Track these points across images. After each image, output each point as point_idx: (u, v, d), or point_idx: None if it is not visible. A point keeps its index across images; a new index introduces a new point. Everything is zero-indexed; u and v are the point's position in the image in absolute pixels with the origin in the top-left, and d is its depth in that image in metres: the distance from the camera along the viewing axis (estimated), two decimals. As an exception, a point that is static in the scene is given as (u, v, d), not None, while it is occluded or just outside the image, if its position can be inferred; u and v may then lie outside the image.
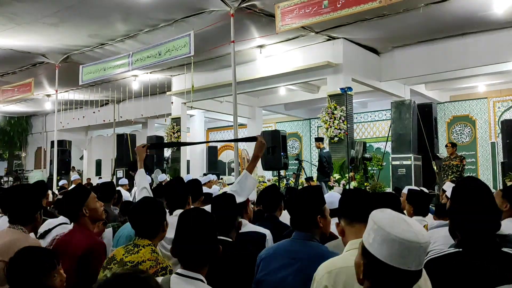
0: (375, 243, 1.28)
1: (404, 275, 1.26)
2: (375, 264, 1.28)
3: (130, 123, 16.99)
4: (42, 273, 1.94)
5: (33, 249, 2.04)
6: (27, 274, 1.93)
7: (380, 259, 1.26)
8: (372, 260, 1.28)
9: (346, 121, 10.15)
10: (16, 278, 1.94)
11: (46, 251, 2.06)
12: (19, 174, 20.11)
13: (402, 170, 9.05)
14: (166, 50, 9.60)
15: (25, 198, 2.82)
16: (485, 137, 14.73)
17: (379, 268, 1.27)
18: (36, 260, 1.96)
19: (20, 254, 1.98)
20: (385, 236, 1.26)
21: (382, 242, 1.26)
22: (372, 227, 1.31)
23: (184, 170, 14.09)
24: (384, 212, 1.36)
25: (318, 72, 11.01)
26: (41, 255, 2.00)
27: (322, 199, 2.37)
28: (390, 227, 1.27)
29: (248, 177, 3.24)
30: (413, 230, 1.28)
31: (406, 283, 1.29)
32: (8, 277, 1.96)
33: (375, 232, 1.29)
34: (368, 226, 1.33)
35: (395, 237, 1.25)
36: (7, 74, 13.89)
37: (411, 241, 1.24)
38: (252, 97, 15.90)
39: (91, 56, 11.71)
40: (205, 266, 1.87)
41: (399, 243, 1.24)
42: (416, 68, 11.41)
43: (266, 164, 9.44)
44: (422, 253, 1.27)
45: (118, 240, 3.51)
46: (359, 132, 17.13)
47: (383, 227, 1.28)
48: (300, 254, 2.22)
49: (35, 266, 1.94)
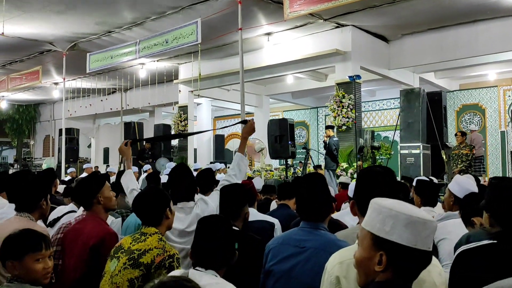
0: (395, 229, 1.25)
1: (425, 257, 1.27)
2: (397, 251, 1.25)
3: (137, 112, 17.01)
4: (25, 251, 1.94)
5: (25, 230, 2.05)
6: (11, 250, 1.95)
7: (404, 245, 1.24)
8: (394, 249, 1.25)
9: (354, 110, 10.06)
10: (2, 254, 1.97)
11: (36, 233, 2.05)
12: (28, 162, 20.26)
13: (411, 159, 9.00)
14: (173, 38, 9.55)
15: (29, 186, 2.83)
16: (495, 126, 14.57)
17: (403, 254, 1.25)
18: (22, 238, 1.98)
19: (14, 233, 2.01)
20: (407, 220, 1.24)
21: (405, 226, 1.24)
22: (388, 214, 1.27)
23: (192, 158, 14.11)
24: (387, 199, 1.34)
25: (326, 60, 10.91)
26: (30, 235, 2.00)
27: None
28: (409, 210, 1.26)
29: (243, 158, 3.29)
30: (422, 211, 1.32)
31: (425, 265, 1.29)
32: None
33: (394, 218, 1.25)
34: (379, 215, 1.28)
35: (419, 218, 1.24)
36: (15, 62, 13.92)
37: (431, 221, 1.26)
38: (259, 86, 15.83)
39: (98, 44, 11.68)
40: (222, 268, 1.94)
41: (423, 224, 1.24)
42: (425, 56, 11.26)
43: (274, 153, 9.42)
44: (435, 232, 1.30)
45: (126, 228, 3.52)
46: (367, 120, 17.01)
47: (402, 211, 1.25)
48: (309, 243, 2.19)
49: (19, 243, 1.96)
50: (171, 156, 14.49)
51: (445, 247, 2.60)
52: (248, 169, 10.75)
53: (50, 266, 2.02)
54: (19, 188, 2.83)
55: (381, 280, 1.30)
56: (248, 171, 9.98)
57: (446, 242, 2.64)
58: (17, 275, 1.93)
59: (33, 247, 1.95)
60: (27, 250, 1.94)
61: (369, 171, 1.79)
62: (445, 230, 2.71)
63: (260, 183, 5.88)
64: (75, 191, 2.86)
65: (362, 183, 1.76)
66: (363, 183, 1.76)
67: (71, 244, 2.60)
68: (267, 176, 10.59)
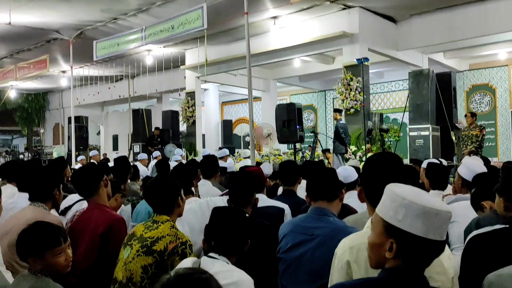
0: (407, 218, 1.24)
1: (437, 246, 1.26)
2: (408, 240, 1.25)
3: (145, 98, 17.04)
4: (44, 249, 1.94)
5: (40, 224, 2.04)
6: (31, 249, 1.95)
7: (415, 234, 1.24)
8: (405, 237, 1.25)
9: (362, 92, 9.98)
10: (22, 252, 1.97)
11: (52, 227, 2.04)
12: (38, 150, 20.45)
13: (420, 141, 8.94)
14: (179, 24, 9.50)
15: (42, 176, 2.86)
16: (505, 106, 14.40)
17: (414, 244, 1.25)
18: (40, 235, 1.97)
19: (28, 228, 2.00)
20: (420, 210, 1.24)
21: (417, 217, 1.24)
22: (400, 202, 1.26)
23: (200, 144, 14.15)
24: (401, 186, 1.33)
25: (333, 42, 10.80)
26: (46, 231, 1.99)
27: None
28: (422, 200, 1.25)
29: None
30: (438, 201, 1.29)
31: (438, 254, 1.29)
32: (17, 250, 1.99)
33: (406, 207, 1.25)
34: (392, 203, 1.28)
35: (432, 209, 1.24)
36: (22, 51, 13.97)
37: (446, 211, 1.25)
38: (266, 70, 15.74)
39: (104, 31, 11.66)
40: (235, 255, 2.01)
41: (435, 214, 1.23)
42: (434, 36, 11.09)
43: (282, 138, 9.40)
44: (448, 222, 1.29)
45: (137, 215, 3.55)
46: (375, 103, 16.89)
47: (415, 201, 1.25)
48: (318, 231, 2.21)
49: (38, 241, 1.95)
50: (179, 142, 14.55)
51: (455, 230, 2.60)
52: (257, 154, 10.78)
53: (70, 256, 2.05)
54: (32, 178, 2.87)
55: (391, 266, 1.31)
56: (256, 156, 10.00)
57: (455, 225, 2.64)
58: (40, 269, 1.95)
59: (52, 243, 1.95)
60: (46, 247, 1.94)
61: (377, 157, 1.78)
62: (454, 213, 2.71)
63: (269, 168, 5.89)
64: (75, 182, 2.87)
65: (370, 170, 1.76)
66: (371, 170, 1.76)
67: (80, 234, 2.64)
68: (275, 160, 10.61)
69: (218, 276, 1.70)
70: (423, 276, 1.31)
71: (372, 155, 1.81)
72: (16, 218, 2.78)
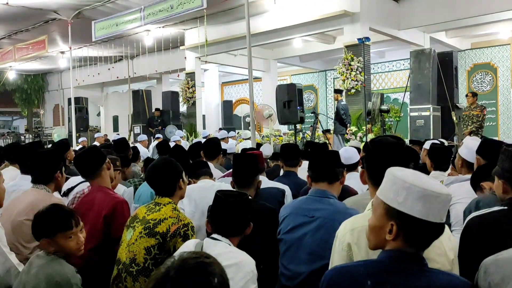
0: (407, 201, 1.27)
1: (437, 228, 1.29)
2: (409, 222, 1.27)
3: (145, 79, 16.95)
4: (56, 231, 1.99)
5: (54, 207, 2.09)
6: (44, 230, 2.00)
7: (415, 217, 1.26)
8: (405, 219, 1.28)
9: (363, 73, 9.93)
10: (36, 232, 2.03)
11: (64, 210, 2.09)
12: (39, 132, 20.44)
13: (421, 121, 8.93)
14: (178, 3, 9.41)
15: (45, 158, 2.87)
16: (507, 85, 14.33)
17: (414, 226, 1.27)
18: (52, 217, 2.02)
19: (42, 210, 2.06)
20: (420, 193, 1.26)
21: (417, 199, 1.26)
22: (401, 185, 1.28)
23: (200, 125, 14.15)
24: (402, 169, 1.35)
25: (334, 22, 10.69)
26: (59, 214, 2.04)
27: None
28: (422, 183, 1.27)
29: None
30: (438, 183, 1.32)
31: (437, 236, 1.32)
32: (32, 231, 2.05)
33: (407, 190, 1.27)
34: (393, 186, 1.30)
35: (432, 192, 1.26)
36: (20, 32, 13.83)
37: (446, 194, 1.28)
38: (266, 50, 15.62)
39: (103, 11, 11.52)
40: (236, 236, 2.06)
41: (435, 197, 1.26)
42: (436, 15, 10.98)
43: (282, 118, 9.39)
44: (448, 204, 1.31)
45: (139, 196, 3.57)
46: (376, 83, 16.80)
47: (416, 184, 1.27)
48: (318, 212, 2.24)
49: (51, 223, 2.00)
50: (179, 123, 14.53)
51: (457, 211, 2.62)
52: (257, 135, 10.78)
53: (82, 240, 2.09)
54: (34, 161, 2.88)
55: (391, 248, 1.33)
56: (257, 137, 10.00)
57: (457, 206, 2.66)
58: (53, 250, 2.01)
59: (63, 226, 2.00)
60: (57, 229, 1.99)
61: (381, 141, 1.79)
62: (456, 194, 2.73)
63: (270, 149, 5.91)
64: (78, 165, 2.90)
65: (373, 152, 1.77)
66: (374, 153, 1.77)
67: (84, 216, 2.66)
68: (276, 141, 10.62)
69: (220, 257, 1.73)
70: (422, 257, 1.33)
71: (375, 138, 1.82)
72: (19, 200, 2.81)
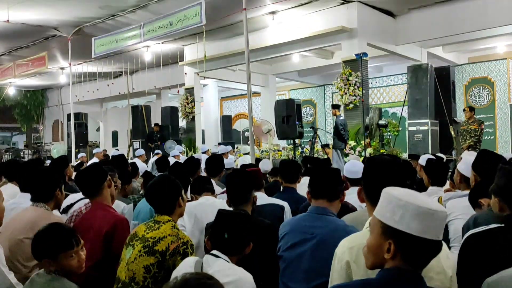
0: (404, 219, 1.28)
1: (435, 246, 1.30)
2: (406, 241, 1.29)
3: (144, 94, 17.02)
4: (58, 251, 1.99)
5: (54, 226, 2.09)
6: (45, 250, 2.00)
7: (412, 235, 1.27)
8: (403, 238, 1.29)
9: (361, 87, 9.98)
10: (37, 253, 2.03)
11: (65, 230, 2.09)
12: (38, 147, 20.45)
13: (419, 135, 8.98)
14: (178, 20, 9.48)
15: (44, 176, 2.88)
16: (504, 99, 14.41)
17: (412, 244, 1.28)
18: (54, 237, 2.02)
19: (43, 230, 2.06)
20: (416, 210, 1.27)
21: (413, 217, 1.27)
22: (397, 203, 1.30)
23: (200, 140, 14.17)
24: (398, 189, 1.37)
25: (332, 37, 10.78)
26: (60, 233, 2.04)
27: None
28: (417, 201, 1.29)
29: None
30: (433, 201, 1.34)
31: (435, 254, 1.33)
32: (32, 252, 2.05)
33: (403, 208, 1.29)
34: (389, 205, 1.32)
35: (427, 209, 1.27)
36: (21, 49, 13.94)
37: (441, 211, 1.29)
38: (265, 65, 15.72)
39: (103, 28, 11.64)
40: (236, 255, 2.07)
41: (431, 214, 1.27)
42: (433, 30, 11.08)
43: (281, 133, 9.43)
44: (444, 222, 1.32)
45: (138, 213, 3.57)
46: (374, 97, 16.89)
47: (411, 201, 1.29)
48: (317, 230, 2.24)
49: (52, 243, 2.00)
50: (179, 138, 14.56)
51: (456, 227, 2.62)
52: (256, 150, 10.79)
53: (83, 258, 2.09)
54: (33, 179, 2.89)
55: (390, 267, 1.34)
56: (256, 151, 10.01)
57: (456, 222, 2.66)
58: (54, 270, 2.01)
59: (65, 246, 2.00)
60: (60, 250, 1.99)
61: (377, 159, 1.81)
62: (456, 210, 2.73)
63: (269, 165, 5.91)
64: (80, 183, 2.91)
65: (369, 171, 1.79)
66: (370, 171, 1.78)
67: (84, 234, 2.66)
68: (275, 156, 10.64)
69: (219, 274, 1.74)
70: (420, 276, 1.33)
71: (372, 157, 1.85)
72: (18, 218, 2.80)
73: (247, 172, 2.96)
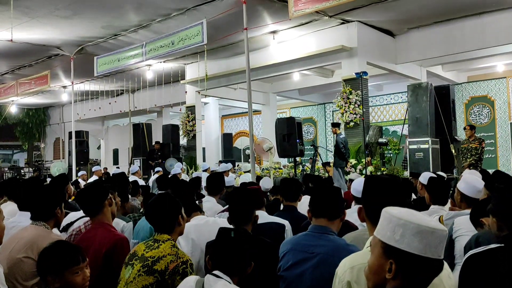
0: (404, 238, 1.28)
1: (436, 265, 1.29)
2: (407, 260, 1.28)
3: (145, 112, 17.10)
4: (64, 268, 1.99)
5: (59, 244, 2.10)
6: (51, 267, 2.00)
7: (413, 253, 1.27)
8: (403, 257, 1.28)
9: (361, 106, 10.04)
10: (42, 269, 2.02)
11: (70, 246, 2.10)
12: (39, 165, 20.45)
13: (420, 154, 8.95)
14: (179, 39, 9.59)
15: (44, 195, 2.87)
16: (504, 118, 14.46)
17: (413, 263, 1.28)
18: (60, 254, 2.02)
19: (49, 246, 2.06)
20: (416, 229, 1.27)
21: (414, 235, 1.27)
22: (397, 223, 1.30)
23: (200, 158, 14.17)
24: (397, 208, 1.38)
25: (332, 56, 10.89)
26: (66, 250, 2.05)
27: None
28: (417, 220, 1.29)
29: None
30: (433, 220, 1.33)
31: (436, 273, 1.32)
32: (37, 269, 2.05)
33: (403, 227, 1.29)
34: (389, 224, 1.32)
35: (427, 227, 1.27)
36: (24, 67, 14.06)
37: (441, 230, 1.29)
38: (266, 83, 15.84)
39: (105, 47, 11.76)
40: (238, 276, 2.04)
41: (431, 232, 1.27)
42: (432, 50, 11.18)
43: (282, 151, 9.44)
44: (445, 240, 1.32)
45: (138, 232, 3.54)
46: (375, 115, 16.96)
47: (411, 220, 1.29)
48: (318, 249, 2.23)
49: (58, 260, 2.00)
50: (180, 155, 14.56)
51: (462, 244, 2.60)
52: (257, 168, 10.79)
53: (88, 275, 2.09)
54: (33, 198, 2.88)
55: (391, 287, 1.33)
56: (257, 169, 10.01)
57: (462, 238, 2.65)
58: (58, 287, 2.00)
59: (70, 262, 2.01)
60: (65, 266, 2.00)
61: (376, 179, 1.82)
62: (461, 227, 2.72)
63: (270, 183, 5.90)
64: (81, 201, 2.91)
65: (369, 190, 1.79)
66: (370, 191, 1.79)
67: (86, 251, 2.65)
68: (276, 174, 10.62)
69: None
70: None
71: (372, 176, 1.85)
72: (17, 237, 2.78)
73: (249, 191, 2.95)
